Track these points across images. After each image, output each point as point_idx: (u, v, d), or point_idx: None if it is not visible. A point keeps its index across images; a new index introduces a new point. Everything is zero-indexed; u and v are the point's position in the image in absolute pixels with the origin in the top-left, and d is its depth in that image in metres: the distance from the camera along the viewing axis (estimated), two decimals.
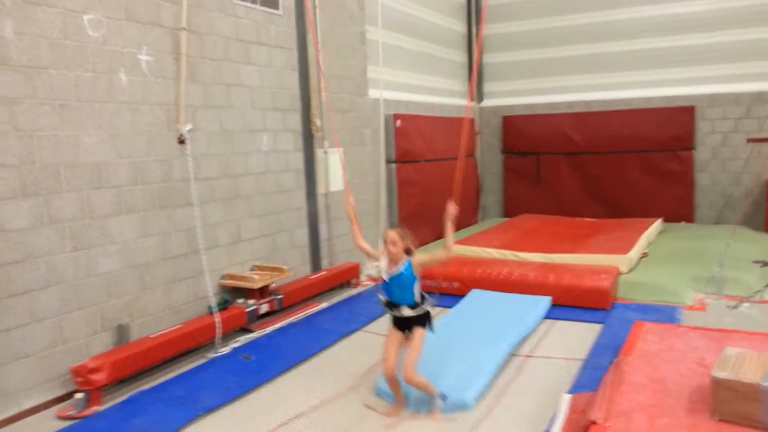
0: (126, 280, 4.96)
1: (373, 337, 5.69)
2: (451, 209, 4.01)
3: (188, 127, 5.48)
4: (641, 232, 8.15)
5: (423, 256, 4.13)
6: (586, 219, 10.21)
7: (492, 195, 12.26)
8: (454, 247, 4.02)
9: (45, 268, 4.34)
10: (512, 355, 5.10)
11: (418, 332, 4.09)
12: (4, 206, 4.09)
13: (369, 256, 4.66)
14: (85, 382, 4.26)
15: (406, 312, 4.07)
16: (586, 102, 11.06)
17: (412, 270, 4.04)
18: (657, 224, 9.13)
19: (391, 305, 4.12)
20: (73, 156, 4.54)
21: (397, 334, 4.15)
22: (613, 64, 10.86)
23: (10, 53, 4.12)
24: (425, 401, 4.16)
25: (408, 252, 4.09)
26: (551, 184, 11.32)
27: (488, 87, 12.24)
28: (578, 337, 5.45)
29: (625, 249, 7.18)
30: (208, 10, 5.74)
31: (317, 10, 7.21)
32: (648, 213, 10.05)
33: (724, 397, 3.26)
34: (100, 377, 4.28)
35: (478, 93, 12.19)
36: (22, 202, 4.19)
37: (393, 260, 4.05)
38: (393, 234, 4.05)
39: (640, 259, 7.44)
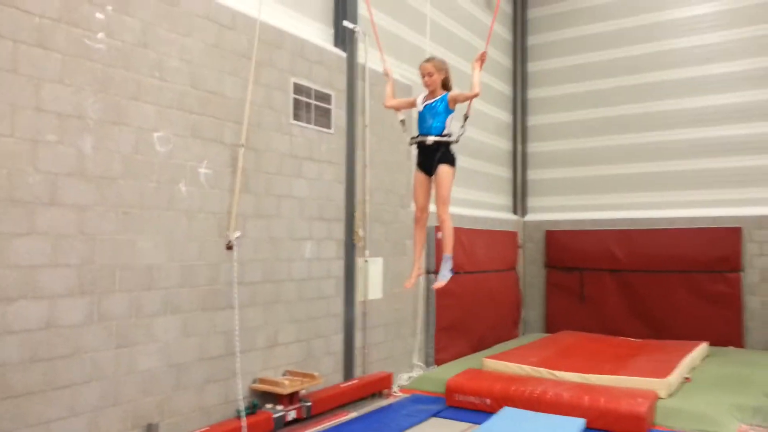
0: (162, 379, 5.18)
1: None
2: (480, 56, 4.44)
3: (237, 234, 5.87)
4: (683, 356, 7.91)
5: (455, 92, 4.39)
6: (629, 339, 9.96)
7: (534, 310, 12.16)
8: (479, 84, 4.35)
9: (89, 364, 4.62)
10: None
11: (444, 168, 4.24)
12: (61, 303, 4.45)
13: (399, 108, 4.91)
14: None
15: (431, 137, 4.24)
16: (630, 219, 11.12)
17: (447, 102, 4.28)
18: (702, 348, 8.83)
19: (420, 135, 4.35)
20: (129, 259, 4.94)
21: (424, 177, 4.31)
22: (659, 183, 11.01)
23: (86, 166, 4.65)
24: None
25: (446, 87, 4.33)
26: (595, 301, 11.19)
27: (532, 202, 12.51)
28: None
29: (665, 373, 6.98)
30: (266, 129, 6.30)
31: (367, 129, 7.76)
32: (694, 335, 9.74)
33: None
34: None
35: (522, 207, 12.46)
36: (78, 300, 4.55)
37: (431, 92, 4.31)
38: (429, 65, 4.30)
39: (681, 384, 7.19)
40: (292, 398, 6.06)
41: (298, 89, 6.69)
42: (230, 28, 5.85)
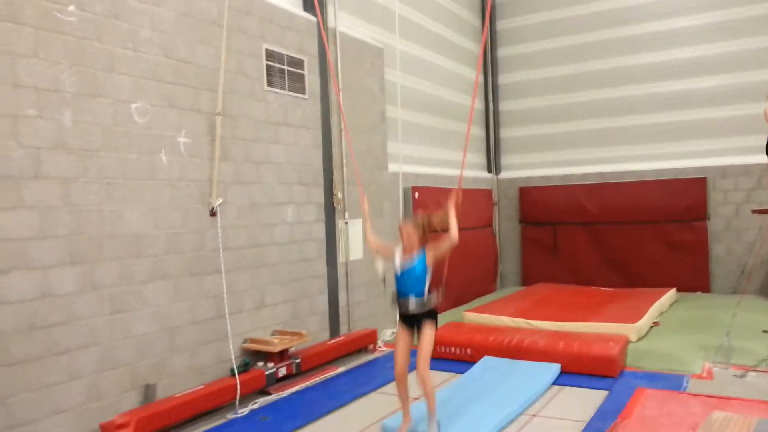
0: (157, 342, 5.37)
1: (386, 398, 5.96)
2: (455, 197, 4.38)
3: (219, 201, 6.00)
4: (652, 302, 8.32)
5: (433, 250, 4.34)
6: (601, 288, 10.38)
7: (510, 264, 12.54)
8: (456, 231, 4.27)
9: (85, 330, 4.78)
10: (519, 414, 5.36)
11: (428, 327, 4.25)
12: (54, 273, 4.58)
13: (379, 252, 4.79)
14: None
15: (413, 305, 4.22)
16: (600, 174, 11.45)
17: (425, 261, 4.28)
18: (670, 294, 9.28)
19: (400, 298, 4.30)
20: (116, 228, 5.06)
21: (407, 333, 4.31)
22: (626, 137, 11.33)
23: (67, 138, 4.72)
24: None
25: (424, 242, 4.29)
26: (568, 254, 11.58)
27: (505, 159, 12.77)
28: (583, 402, 5.63)
29: (634, 318, 7.37)
30: (241, 96, 6.38)
31: (341, 93, 7.86)
32: (663, 283, 10.20)
33: None
34: None
35: (496, 165, 12.71)
36: (70, 270, 4.69)
37: (408, 251, 4.28)
38: (409, 228, 4.29)
39: (650, 328, 7.60)
40: (282, 356, 6.31)
41: (270, 55, 6.75)
42: None
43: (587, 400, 5.72)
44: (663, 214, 10.67)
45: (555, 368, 6.44)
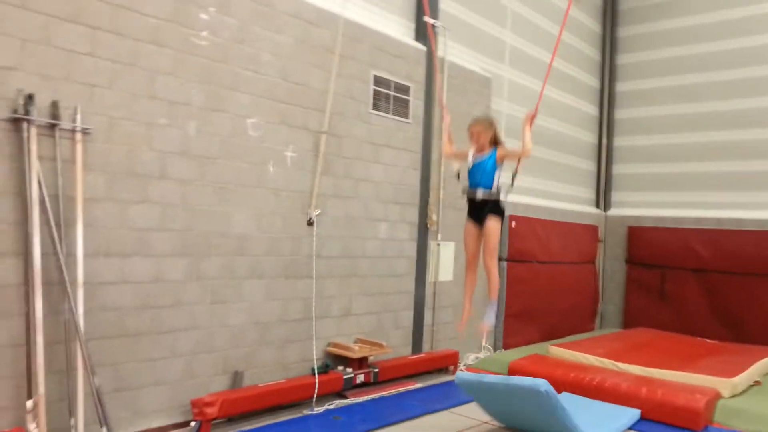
0: (249, 334, 5.92)
1: (457, 418, 6.13)
2: (530, 113, 4.68)
3: (317, 212, 6.51)
4: (758, 359, 7.75)
5: (504, 150, 4.65)
6: (707, 340, 9.77)
7: (613, 304, 12.10)
8: (529, 144, 4.55)
9: (188, 315, 5.42)
10: None
11: (491, 221, 4.52)
12: (167, 261, 5.26)
13: (457, 157, 5.15)
14: (200, 414, 5.15)
15: (480, 194, 4.51)
16: (717, 219, 10.81)
17: (495, 159, 4.56)
18: None
19: (470, 188, 4.62)
20: (223, 228, 5.70)
21: (474, 227, 4.58)
22: (748, 182, 10.61)
23: (190, 146, 5.42)
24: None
25: (495, 143, 4.57)
26: (675, 300, 10.99)
27: (616, 196, 12.40)
28: None
29: (731, 373, 6.92)
30: (347, 117, 6.89)
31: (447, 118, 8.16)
32: None
33: None
34: (211, 411, 5.15)
35: (605, 201, 12.39)
36: (180, 260, 5.35)
37: (479, 149, 4.58)
38: (477, 127, 4.59)
39: (750, 386, 7.11)
40: (361, 363, 6.66)
41: (378, 81, 7.22)
42: (316, 24, 6.46)
43: None
44: None
45: (633, 413, 6.24)
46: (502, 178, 4.77)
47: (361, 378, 6.62)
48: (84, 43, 4.69)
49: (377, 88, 7.23)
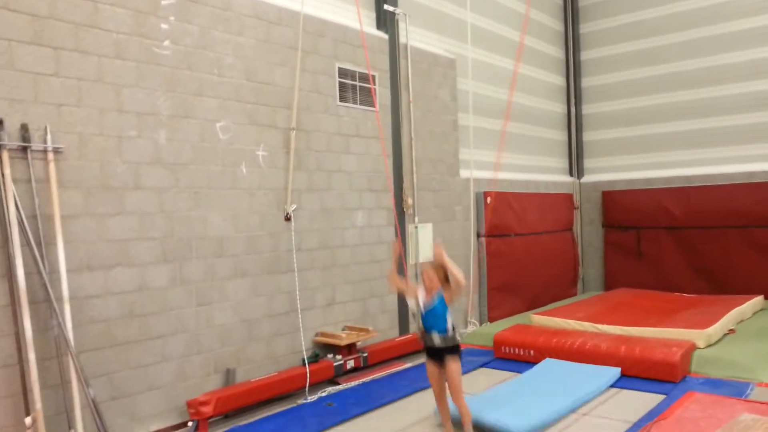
0: (236, 332, 6.09)
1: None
2: (436, 250, 4.81)
3: (293, 207, 6.66)
4: (731, 309, 8.08)
5: (448, 291, 4.76)
6: (684, 294, 10.11)
7: (593, 269, 12.42)
8: (459, 275, 4.63)
9: (175, 319, 5.57)
10: (570, 412, 5.59)
11: (451, 364, 4.69)
12: (150, 269, 5.39)
13: (401, 291, 5.33)
14: (196, 413, 5.33)
15: (436, 340, 4.68)
16: (686, 177, 11.12)
17: (443, 300, 4.70)
18: (755, 301, 8.92)
19: (426, 334, 4.76)
20: (202, 231, 5.83)
21: (435, 367, 4.81)
22: (714, 139, 10.92)
23: (162, 155, 5.53)
24: None
25: (443, 283, 4.73)
26: (652, 259, 11.32)
27: (588, 163, 12.66)
28: (637, 405, 5.72)
29: (706, 324, 7.24)
30: (314, 112, 7.01)
31: (411, 105, 8.32)
32: (755, 290, 9.77)
33: None
34: (207, 410, 5.33)
35: (578, 169, 12.64)
36: (163, 267, 5.49)
37: (428, 292, 4.76)
38: (430, 272, 4.77)
39: (724, 335, 7.43)
40: (350, 349, 6.86)
41: (343, 73, 7.34)
42: (277, 23, 6.55)
43: (642, 403, 5.80)
44: (753, 218, 10.19)
45: (614, 371, 6.53)
46: (452, 318, 4.82)
47: (351, 364, 6.82)
48: (49, 64, 4.76)
49: (342, 79, 7.34)
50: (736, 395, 5.70)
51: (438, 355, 4.79)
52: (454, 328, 4.79)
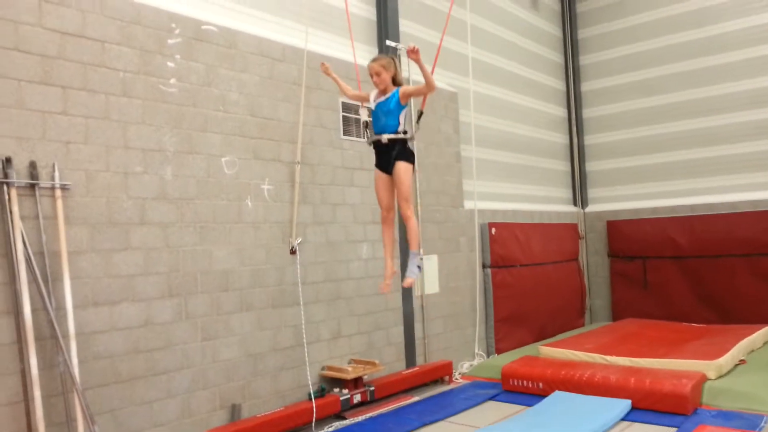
0: (242, 367, 6.05)
1: (455, 426, 6.29)
2: (410, 47, 4.32)
3: (298, 240, 6.68)
4: (741, 339, 7.99)
5: (409, 86, 4.40)
6: (693, 325, 10.01)
7: (600, 299, 12.33)
8: (431, 77, 4.30)
9: (180, 354, 5.54)
10: None
11: (401, 166, 4.31)
12: (155, 304, 5.39)
13: (358, 99, 4.90)
14: None
15: (385, 136, 4.28)
16: (690, 206, 11.11)
17: (398, 98, 4.31)
18: (765, 331, 8.80)
19: (375, 134, 4.38)
20: (207, 265, 5.84)
21: (384, 176, 4.41)
22: (717, 167, 10.95)
23: (167, 190, 5.58)
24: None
25: (396, 83, 4.37)
26: (659, 288, 11.24)
27: (592, 193, 12.69)
28: None
29: (716, 355, 7.15)
30: (319, 146, 7.08)
31: (415, 137, 8.38)
32: (762, 319, 9.66)
33: None
34: None
35: (582, 199, 12.67)
36: (168, 302, 5.49)
37: (381, 91, 4.37)
38: (375, 65, 4.33)
39: (735, 366, 7.33)
40: (356, 383, 6.80)
41: (347, 107, 7.43)
42: (281, 60, 6.67)
43: None
44: (760, 246, 10.13)
45: (624, 404, 6.43)
46: (408, 120, 4.51)
47: (357, 398, 6.75)
48: (57, 103, 4.85)
49: (346, 114, 7.43)
50: (750, 428, 5.61)
51: (387, 157, 4.34)
52: (405, 131, 4.34)
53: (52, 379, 4.64)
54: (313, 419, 6.19)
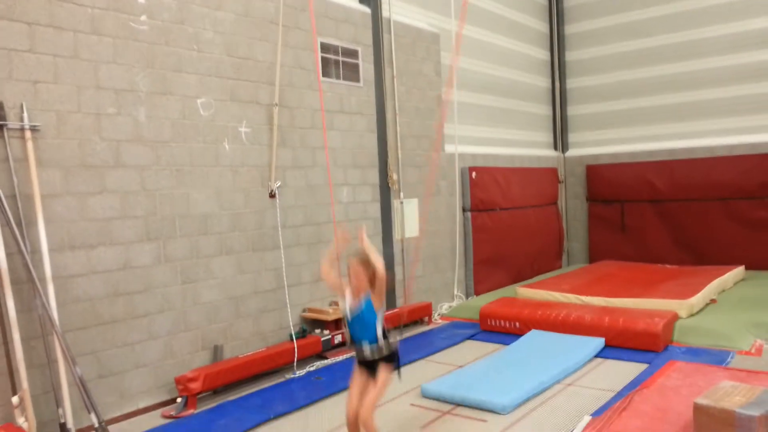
0: (223, 309, 6.09)
1: (433, 365, 6.45)
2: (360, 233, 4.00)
3: (278, 184, 6.62)
4: (712, 279, 8.21)
5: (376, 293, 3.91)
6: (667, 266, 10.25)
7: (578, 242, 12.53)
8: (380, 264, 3.84)
9: (161, 297, 5.55)
10: (555, 383, 5.67)
11: (384, 372, 3.90)
12: (134, 248, 5.36)
13: (335, 289, 4.15)
14: (184, 390, 5.35)
15: (367, 351, 3.88)
16: (669, 150, 11.19)
17: (371, 305, 3.89)
18: (736, 272, 9.07)
19: (354, 345, 3.96)
20: (185, 209, 5.79)
21: (362, 377, 3.95)
22: (697, 112, 10.99)
23: (142, 132, 5.46)
24: None
25: (371, 283, 3.87)
26: (636, 231, 11.44)
27: (573, 137, 12.70)
28: (620, 375, 5.82)
29: (688, 294, 7.36)
30: (298, 87, 6.94)
31: (395, 80, 8.26)
32: (735, 261, 9.92)
33: (703, 423, 3.65)
34: (195, 386, 5.35)
35: (562, 143, 12.68)
36: (146, 245, 5.45)
37: (355, 293, 3.90)
38: (357, 266, 3.84)
39: (706, 305, 7.56)
40: (337, 324, 6.89)
41: (326, 48, 7.26)
42: None
43: (625, 372, 5.89)
44: (735, 190, 10.31)
45: (598, 342, 6.63)
46: (383, 325, 3.99)
47: (338, 338, 6.86)
48: (23, 40, 4.66)
49: (325, 54, 7.26)
50: (717, 363, 5.82)
51: (370, 366, 3.94)
52: (386, 336, 3.94)
53: (30, 322, 4.63)
54: (295, 359, 6.30)
